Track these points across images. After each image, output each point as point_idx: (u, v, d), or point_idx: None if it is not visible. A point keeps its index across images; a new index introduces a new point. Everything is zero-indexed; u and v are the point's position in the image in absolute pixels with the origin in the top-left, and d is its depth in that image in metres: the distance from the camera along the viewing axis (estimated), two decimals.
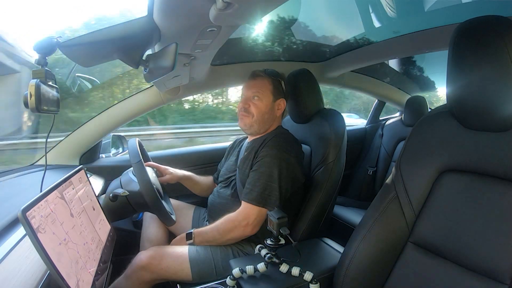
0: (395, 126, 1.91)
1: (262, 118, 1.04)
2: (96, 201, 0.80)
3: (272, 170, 0.93)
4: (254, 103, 1.04)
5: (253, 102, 1.04)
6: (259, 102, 1.03)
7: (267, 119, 1.05)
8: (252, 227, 0.93)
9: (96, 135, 1.28)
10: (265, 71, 1.07)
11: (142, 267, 0.90)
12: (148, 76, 0.71)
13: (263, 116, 1.04)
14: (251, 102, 1.04)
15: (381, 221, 0.71)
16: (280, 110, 1.07)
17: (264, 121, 1.05)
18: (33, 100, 0.59)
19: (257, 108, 1.03)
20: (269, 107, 1.04)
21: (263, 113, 1.04)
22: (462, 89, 0.60)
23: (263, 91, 1.03)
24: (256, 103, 1.03)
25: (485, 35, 0.56)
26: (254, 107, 1.03)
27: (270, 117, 1.06)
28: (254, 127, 1.05)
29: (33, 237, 0.45)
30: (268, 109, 1.04)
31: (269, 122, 1.07)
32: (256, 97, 1.03)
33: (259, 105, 1.03)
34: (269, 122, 1.07)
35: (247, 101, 1.04)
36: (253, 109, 1.03)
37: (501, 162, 0.58)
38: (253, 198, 0.92)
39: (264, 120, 1.05)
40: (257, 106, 1.03)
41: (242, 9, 0.52)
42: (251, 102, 1.04)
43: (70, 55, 0.63)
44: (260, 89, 1.03)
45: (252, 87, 1.05)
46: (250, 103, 1.04)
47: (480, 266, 0.57)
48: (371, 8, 1.27)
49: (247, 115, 1.04)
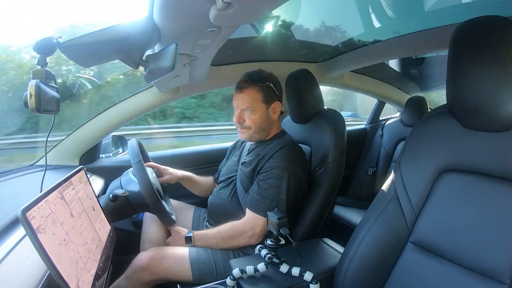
0: (395, 126, 1.91)
1: (260, 128, 1.02)
2: (96, 202, 0.80)
3: (281, 183, 0.93)
4: (248, 116, 1.00)
5: (247, 115, 1.00)
6: (253, 115, 1.00)
7: (266, 127, 1.03)
8: (257, 237, 0.94)
9: (96, 135, 1.28)
10: (250, 77, 1.01)
11: (143, 268, 0.90)
12: (148, 76, 0.71)
13: (260, 126, 1.02)
14: (245, 116, 1.01)
15: (381, 221, 0.72)
16: (276, 113, 1.04)
17: (262, 129, 1.03)
18: (33, 100, 0.59)
19: (252, 121, 1.00)
20: (264, 116, 1.01)
21: (260, 124, 1.01)
22: (462, 89, 0.60)
23: (254, 102, 0.99)
24: (250, 116, 1.00)
25: (485, 35, 0.56)
26: (249, 120, 1.00)
27: (268, 124, 1.04)
28: (254, 137, 1.04)
29: (33, 237, 0.45)
30: (264, 119, 1.01)
31: (268, 128, 1.05)
32: (248, 110, 1.00)
33: (253, 118, 1.00)
34: (268, 129, 1.05)
35: (241, 115, 1.01)
36: (248, 123, 1.01)
37: (501, 162, 0.58)
38: (260, 209, 0.92)
39: (262, 129, 1.03)
40: (252, 119, 1.00)
41: (242, 9, 0.52)
42: (245, 116, 1.01)
43: (70, 55, 0.63)
44: (250, 102, 0.99)
45: (241, 100, 1.00)
46: (245, 117, 1.01)
47: (480, 266, 0.57)
48: (371, 8, 1.27)
49: (245, 130, 1.02)
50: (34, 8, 4.96)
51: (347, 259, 0.74)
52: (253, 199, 0.95)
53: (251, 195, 0.96)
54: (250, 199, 0.96)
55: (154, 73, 0.68)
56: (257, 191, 0.95)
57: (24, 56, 3.41)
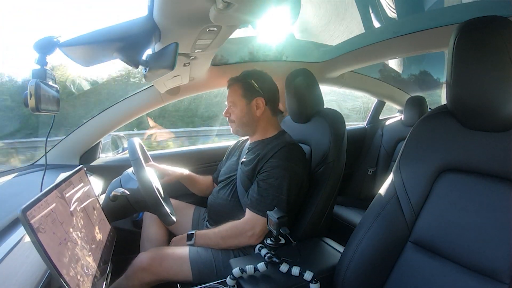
0: (395, 126, 1.91)
1: (241, 122, 1.08)
2: (96, 201, 0.80)
3: (282, 183, 0.93)
4: (232, 110, 1.09)
5: (231, 110, 1.09)
6: (235, 108, 1.08)
7: (248, 122, 1.08)
8: (257, 237, 0.94)
9: (96, 134, 1.28)
10: (236, 76, 1.11)
11: (143, 269, 0.90)
12: (148, 76, 0.71)
13: (242, 120, 1.08)
14: (230, 111, 1.10)
15: (381, 221, 0.72)
16: (260, 109, 1.07)
17: (244, 123, 1.08)
18: (32, 100, 0.58)
19: (235, 115, 1.08)
20: (245, 110, 1.07)
21: (241, 117, 1.08)
22: (462, 89, 0.60)
23: (235, 98, 1.08)
24: (233, 111, 1.09)
25: (485, 35, 0.56)
26: (233, 114, 1.09)
27: (250, 119, 1.08)
28: (240, 131, 1.11)
29: (33, 236, 0.45)
30: (244, 113, 1.07)
31: (252, 123, 1.08)
32: (231, 105, 1.09)
33: (235, 111, 1.08)
34: (251, 124, 1.08)
35: (228, 110, 1.10)
36: (233, 117, 1.09)
37: (501, 162, 0.58)
38: (260, 209, 0.92)
39: (244, 123, 1.08)
40: (234, 112, 1.08)
41: (242, 9, 0.52)
42: (230, 110, 1.10)
43: (70, 55, 0.63)
44: (232, 98, 1.08)
45: (228, 96, 1.10)
46: (230, 112, 1.10)
47: (480, 266, 0.57)
48: (371, 8, 1.27)
49: (231, 123, 1.11)
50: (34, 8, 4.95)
51: (347, 259, 0.74)
52: (253, 198, 0.95)
53: (251, 195, 0.96)
54: (250, 199, 0.96)
55: (154, 73, 0.68)
56: (257, 190, 0.95)
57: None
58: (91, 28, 0.59)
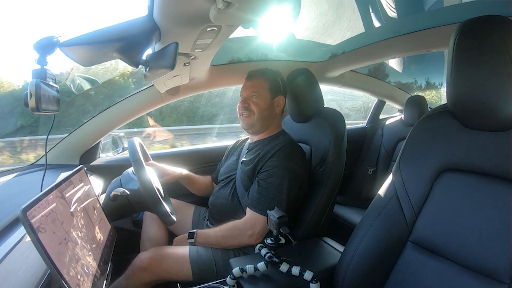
0: (395, 126, 1.91)
1: (262, 115, 1.06)
2: (96, 201, 0.80)
3: (282, 182, 0.93)
4: (253, 101, 1.06)
5: (252, 100, 1.06)
6: (258, 100, 1.06)
7: (267, 116, 1.07)
8: (257, 237, 0.94)
9: (96, 134, 1.28)
10: (261, 70, 1.10)
11: (143, 269, 0.90)
12: (148, 75, 0.71)
13: (263, 112, 1.06)
14: (250, 101, 1.06)
15: (381, 221, 0.72)
16: (279, 107, 1.09)
17: (264, 118, 1.07)
18: (33, 100, 0.58)
19: (256, 106, 1.05)
20: (268, 103, 1.07)
21: (263, 110, 1.06)
22: (462, 89, 0.60)
23: (261, 90, 1.06)
24: (255, 101, 1.06)
25: (485, 35, 0.56)
26: (253, 105, 1.06)
27: (270, 114, 1.08)
28: (256, 126, 1.07)
29: (34, 236, 0.45)
30: (267, 106, 1.06)
31: (270, 119, 1.08)
32: (254, 96, 1.06)
33: (258, 102, 1.06)
34: (269, 119, 1.08)
35: (247, 100, 1.07)
36: (253, 107, 1.06)
37: (501, 162, 0.58)
38: (261, 208, 0.93)
39: (264, 117, 1.06)
40: (256, 103, 1.05)
41: (242, 9, 0.52)
42: (250, 101, 1.06)
43: (70, 54, 0.63)
44: (257, 88, 1.06)
45: (249, 87, 1.08)
46: (250, 102, 1.06)
47: (480, 266, 0.57)
48: (371, 8, 1.27)
49: (248, 114, 1.06)
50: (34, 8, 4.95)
51: (347, 258, 0.74)
52: (254, 198, 0.95)
53: (252, 194, 0.96)
54: (251, 198, 0.96)
55: (154, 72, 0.68)
56: (257, 190, 0.95)
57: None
58: (91, 28, 0.59)
